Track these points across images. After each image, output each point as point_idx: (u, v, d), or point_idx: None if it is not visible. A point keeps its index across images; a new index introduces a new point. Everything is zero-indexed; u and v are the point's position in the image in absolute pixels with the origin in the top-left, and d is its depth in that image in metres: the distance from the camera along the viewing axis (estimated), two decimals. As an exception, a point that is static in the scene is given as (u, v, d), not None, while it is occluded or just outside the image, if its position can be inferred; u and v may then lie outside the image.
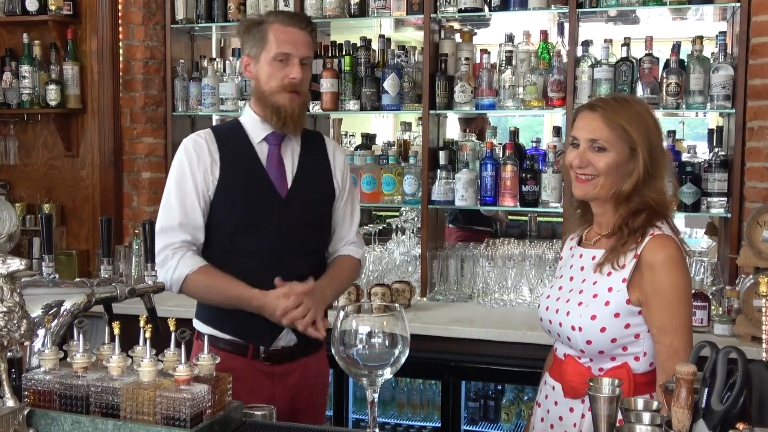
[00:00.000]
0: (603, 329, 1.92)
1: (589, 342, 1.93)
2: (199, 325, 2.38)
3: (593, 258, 2.01)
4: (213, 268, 2.26)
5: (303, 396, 2.38)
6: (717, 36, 3.37)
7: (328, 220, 2.47)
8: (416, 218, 3.96)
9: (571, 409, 1.98)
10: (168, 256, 2.24)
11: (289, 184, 2.36)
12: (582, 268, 2.04)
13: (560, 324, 2.00)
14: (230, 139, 2.36)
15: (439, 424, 3.32)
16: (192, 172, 2.29)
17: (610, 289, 1.94)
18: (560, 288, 2.08)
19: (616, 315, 1.92)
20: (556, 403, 2.03)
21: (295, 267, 2.30)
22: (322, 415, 2.54)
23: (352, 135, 4.63)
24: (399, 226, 4.06)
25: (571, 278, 2.06)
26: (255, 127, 2.37)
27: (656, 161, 1.94)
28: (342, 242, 2.50)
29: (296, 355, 2.35)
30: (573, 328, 1.95)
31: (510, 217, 5.19)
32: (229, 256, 2.30)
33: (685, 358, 1.79)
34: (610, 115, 1.93)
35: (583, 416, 1.94)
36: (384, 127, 6.33)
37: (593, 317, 1.93)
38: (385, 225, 4.27)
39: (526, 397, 3.64)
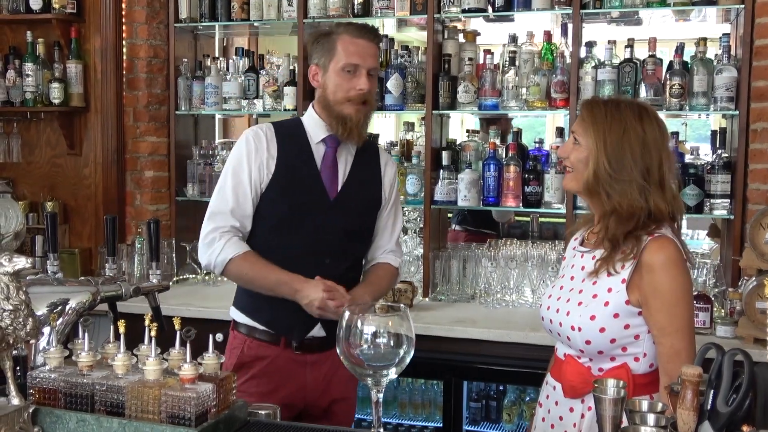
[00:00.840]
0: (602, 329, 1.92)
1: (588, 342, 1.94)
2: (236, 314, 2.48)
3: (593, 258, 2.02)
4: (257, 255, 2.36)
5: (338, 385, 2.45)
6: (720, 38, 3.37)
7: (370, 227, 2.55)
8: (419, 218, 3.97)
9: (571, 409, 1.99)
10: (215, 238, 2.34)
11: (339, 188, 2.43)
12: (582, 268, 2.05)
13: (560, 324, 2.01)
14: (290, 136, 2.44)
15: (441, 425, 3.32)
16: (249, 162, 2.37)
17: (609, 290, 1.94)
18: (561, 288, 2.09)
19: (616, 315, 1.92)
20: (556, 403, 2.03)
21: (331, 268, 2.37)
22: (355, 405, 2.62)
23: (355, 135, 4.63)
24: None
25: (572, 278, 2.07)
26: (315, 127, 2.44)
27: (620, 166, 1.94)
28: (381, 250, 2.58)
29: (327, 346, 2.39)
30: (572, 327, 1.96)
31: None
32: (268, 250, 2.38)
33: (686, 360, 1.80)
34: (586, 112, 2.03)
35: (582, 416, 1.95)
36: (386, 126, 6.33)
37: (592, 317, 1.93)
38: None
39: (527, 398, 3.64)
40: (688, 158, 3.53)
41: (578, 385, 1.96)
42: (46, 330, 1.60)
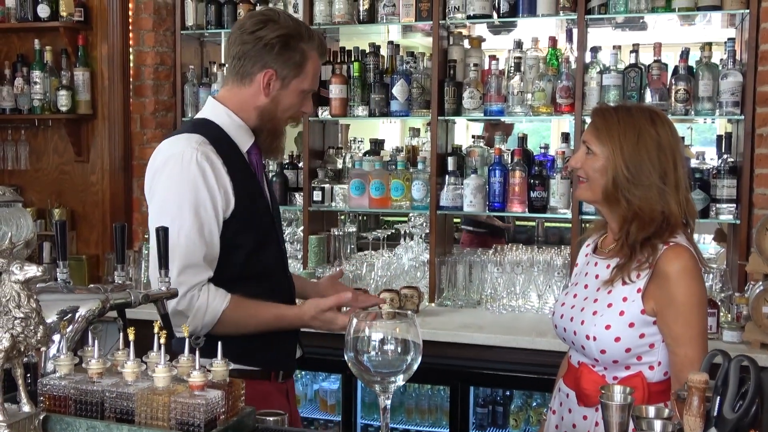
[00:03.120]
0: (617, 339, 1.92)
1: (603, 351, 1.94)
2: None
3: (608, 267, 2.02)
4: (241, 298, 2.05)
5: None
6: (726, 42, 3.38)
7: None
8: (424, 224, 3.97)
9: (585, 417, 1.99)
10: (192, 298, 1.98)
11: (269, 196, 2.22)
12: (596, 277, 2.04)
13: (575, 332, 2.00)
14: (223, 147, 2.07)
15: (448, 430, 3.33)
16: (211, 191, 1.99)
17: (624, 299, 1.94)
18: (575, 296, 2.08)
19: (631, 325, 1.92)
20: (570, 410, 2.03)
21: (291, 279, 2.29)
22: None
23: (361, 140, 4.65)
24: (407, 231, 4.07)
25: (586, 286, 2.07)
26: (241, 134, 2.13)
27: (638, 170, 1.95)
28: None
29: (296, 367, 2.34)
30: (587, 337, 1.96)
31: (518, 223, 5.20)
32: (243, 279, 2.10)
33: (699, 369, 1.80)
34: (599, 120, 2.02)
35: (597, 424, 1.95)
36: (392, 132, 6.34)
37: (608, 327, 1.93)
38: (393, 230, 4.28)
39: (534, 403, 3.64)
40: (693, 163, 3.53)
41: (593, 393, 1.95)
42: (56, 337, 1.61)
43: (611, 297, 1.97)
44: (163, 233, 1.89)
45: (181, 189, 1.99)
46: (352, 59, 3.88)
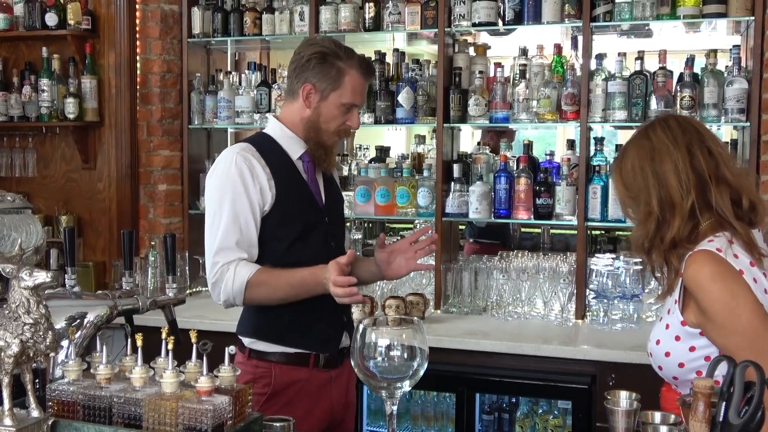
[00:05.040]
0: (667, 354, 1.86)
1: (660, 368, 1.90)
2: (256, 344, 2.34)
3: None
4: (270, 268, 2.26)
5: (351, 392, 2.49)
6: (731, 49, 3.38)
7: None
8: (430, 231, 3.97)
9: None
10: (223, 271, 2.23)
11: (324, 198, 2.44)
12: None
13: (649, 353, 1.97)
14: (271, 154, 2.35)
15: (454, 437, 3.33)
16: (246, 188, 2.26)
17: (669, 311, 1.89)
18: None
19: (677, 338, 1.84)
20: None
21: None
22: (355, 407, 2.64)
23: (366, 148, 4.66)
24: (413, 238, 4.07)
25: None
26: (292, 143, 2.38)
27: (631, 182, 1.96)
28: None
29: (346, 356, 2.36)
30: (650, 354, 1.93)
31: (523, 230, 5.20)
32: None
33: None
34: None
35: None
36: (397, 139, 6.35)
37: (658, 342, 1.89)
38: (399, 237, 4.28)
39: (540, 410, 3.64)
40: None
41: (672, 410, 1.86)
42: (65, 343, 1.63)
43: (662, 310, 1.94)
44: (170, 240, 1.91)
45: (221, 186, 2.28)
46: (358, 67, 3.89)
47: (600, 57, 3.57)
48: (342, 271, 2.13)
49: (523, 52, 3.67)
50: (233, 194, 2.25)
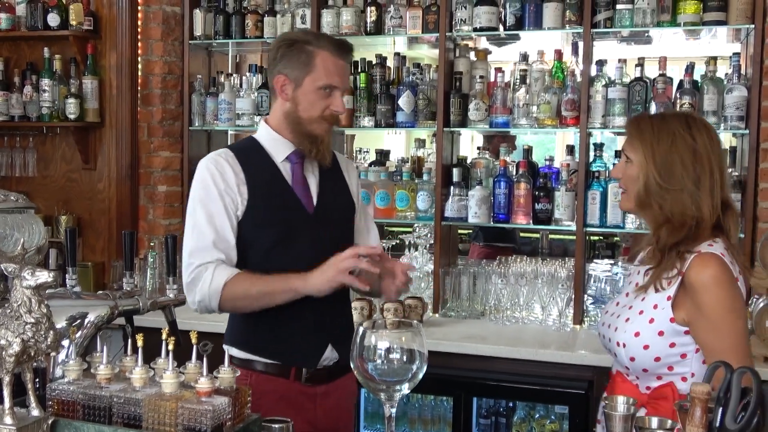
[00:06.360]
0: (646, 347, 1.92)
1: (632, 359, 1.94)
2: (234, 351, 2.24)
3: (642, 273, 2.03)
4: (249, 273, 2.19)
5: (343, 418, 2.36)
6: (731, 57, 3.39)
7: (351, 235, 2.45)
8: (429, 234, 3.98)
9: None
10: (201, 271, 2.16)
11: (315, 201, 2.33)
12: (636, 284, 2.05)
13: (609, 339, 2.02)
14: (251, 158, 2.29)
15: (451, 440, 3.33)
16: (219, 192, 2.21)
17: (655, 306, 1.94)
18: (617, 303, 2.10)
19: (660, 333, 1.91)
20: None
21: None
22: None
23: (366, 151, 4.67)
24: (412, 242, 4.08)
25: (627, 294, 2.08)
26: (277, 145, 2.31)
27: (670, 175, 1.94)
28: None
29: (337, 374, 2.29)
30: (618, 343, 1.96)
31: (522, 235, 5.21)
32: None
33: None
34: (633, 128, 2.03)
35: None
36: (397, 143, 6.36)
37: (636, 334, 1.93)
38: (398, 241, 4.29)
39: (537, 415, 3.64)
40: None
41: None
42: (65, 343, 1.63)
43: (643, 304, 1.97)
44: (171, 242, 1.92)
45: (195, 190, 2.25)
46: (359, 70, 3.90)
47: (600, 63, 3.59)
48: (357, 256, 2.08)
49: (524, 57, 3.68)
50: (206, 197, 2.22)
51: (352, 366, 1.54)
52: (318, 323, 2.25)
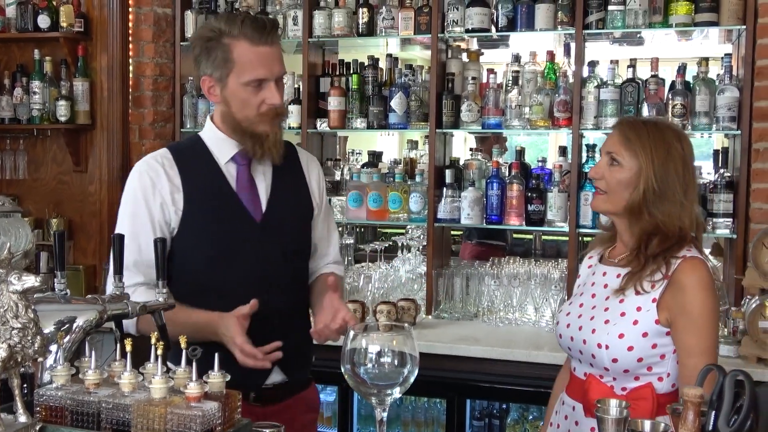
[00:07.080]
0: (630, 348, 1.93)
1: (615, 360, 1.94)
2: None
3: (618, 276, 2.02)
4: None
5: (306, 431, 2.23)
6: (723, 58, 3.40)
7: (308, 243, 2.25)
8: (422, 236, 3.98)
9: (593, 429, 1.98)
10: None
11: (264, 208, 2.12)
12: (605, 286, 2.04)
13: (584, 341, 2.00)
14: (192, 160, 2.11)
15: (444, 443, 3.32)
16: (147, 203, 2.04)
17: (639, 309, 1.95)
18: (581, 305, 2.08)
19: (644, 335, 1.93)
20: (576, 423, 2.02)
21: (277, 300, 2.08)
22: None
23: (359, 152, 4.66)
24: (405, 243, 4.08)
25: (593, 296, 2.06)
26: (220, 145, 2.11)
27: (665, 185, 1.95)
28: (324, 260, 2.31)
29: (287, 394, 2.15)
30: (599, 345, 1.96)
31: (515, 236, 5.21)
32: (200, 294, 2.04)
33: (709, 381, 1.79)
34: (630, 131, 2.01)
35: None
36: (390, 144, 6.36)
37: (621, 336, 1.93)
38: (390, 242, 4.28)
39: (530, 417, 3.64)
40: (690, 177, 3.54)
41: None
42: (53, 348, 1.61)
43: (624, 306, 1.97)
44: (161, 245, 1.90)
45: (125, 198, 2.12)
46: (351, 72, 3.90)
47: (592, 64, 3.59)
48: (244, 328, 1.89)
49: (516, 58, 3.68)
50: (134, 209, 2.07)
51: (342, 370, 1.53)
52: (264, 343, 1.98)
